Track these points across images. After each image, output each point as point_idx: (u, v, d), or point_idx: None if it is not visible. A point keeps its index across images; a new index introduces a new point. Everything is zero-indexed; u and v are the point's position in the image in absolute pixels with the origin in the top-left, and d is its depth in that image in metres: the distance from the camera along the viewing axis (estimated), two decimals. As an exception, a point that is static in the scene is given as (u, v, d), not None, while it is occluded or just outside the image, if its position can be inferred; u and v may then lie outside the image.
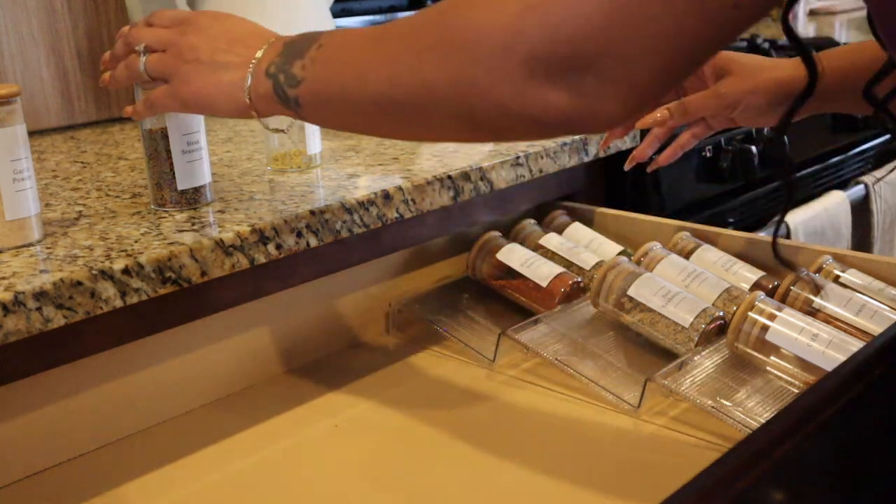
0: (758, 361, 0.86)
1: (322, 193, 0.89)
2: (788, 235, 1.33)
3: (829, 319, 0.88)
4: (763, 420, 0.78)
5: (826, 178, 1.57)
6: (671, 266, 0.97)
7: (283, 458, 0.80)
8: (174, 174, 0.83)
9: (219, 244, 0.77)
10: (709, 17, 0.52)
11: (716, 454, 0.54)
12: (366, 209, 0.87)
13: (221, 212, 0.84)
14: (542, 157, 1.05)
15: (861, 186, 1.54)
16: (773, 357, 0.85)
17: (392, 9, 1.69)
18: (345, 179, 0.93)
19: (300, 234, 0.82)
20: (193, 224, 0.80)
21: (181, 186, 0.84)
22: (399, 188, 0.90)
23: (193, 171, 0.84)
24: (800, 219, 1.38)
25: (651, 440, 0.80)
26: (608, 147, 1.14)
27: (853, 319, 0.88)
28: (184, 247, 0.74)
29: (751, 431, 0.63)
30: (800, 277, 0.93)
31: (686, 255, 1.02)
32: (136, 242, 0.75)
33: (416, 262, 1.05)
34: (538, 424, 0.84)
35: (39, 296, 0.67)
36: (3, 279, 0.68)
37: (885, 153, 1.70)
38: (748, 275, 0.98)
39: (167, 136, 0.82)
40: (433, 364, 0.96)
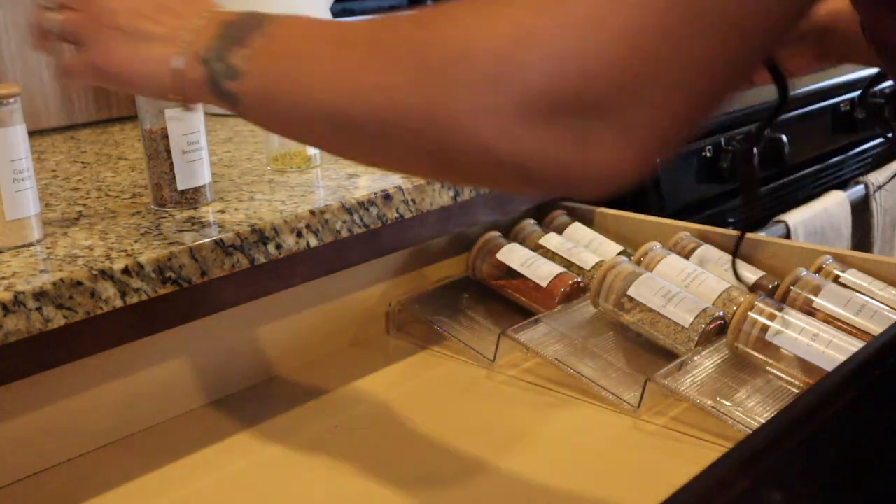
0: (758, 361, 0.86)
1: (322, 193, 0.89)
2: (788, 235, 1.33)
3: (829, 319, 0.88)
4: (763, 420, 0.78)
5: (826, 178, 1.57)
6: (671, 266, 0.97)
7: (283, 458, 0.79)
8: (174, 174, 0.83)
9: (219, 244, 0.77)
10: (743, 34, 0.43)
11: (716, 454, 0.54)
12: (366, 209, 0.87)
13: (221, 212, 0.84)
14: (542, 157, 1.05)
15: (861, 186, 1.53)
16: (773, 357, 0.84)
17: (392, 9, 1.68)
18: (345, 179, 0.93)
19: (300, 234, 0.82)
20: (193, 224, 0.80)
21: (181, 186, 0.84)
22: (399, 188, 0.90)
23: (193, 171, 0.84)
24: (800, 219, 1.37)
25: (651, 440, 0.80)
26: None
27: (853, 319, 0.88)
28: (184, 247, 0.74)
29: (750, 431, 0.63)
30: (799, 277, 0.93)
31: (686, 255, 1.02)
32: (136, 242, 0.75)
33: (416, 262, 1.05)
34: (538, 424, 0.84)
35: (39, 296, 0.67)
36: (3, 279, 0.68)
37: (886, 154, 1.70)
38: (748, 275, 0.98)
39: (167, 136, 0.82)
40: (433, 364, 0.96)
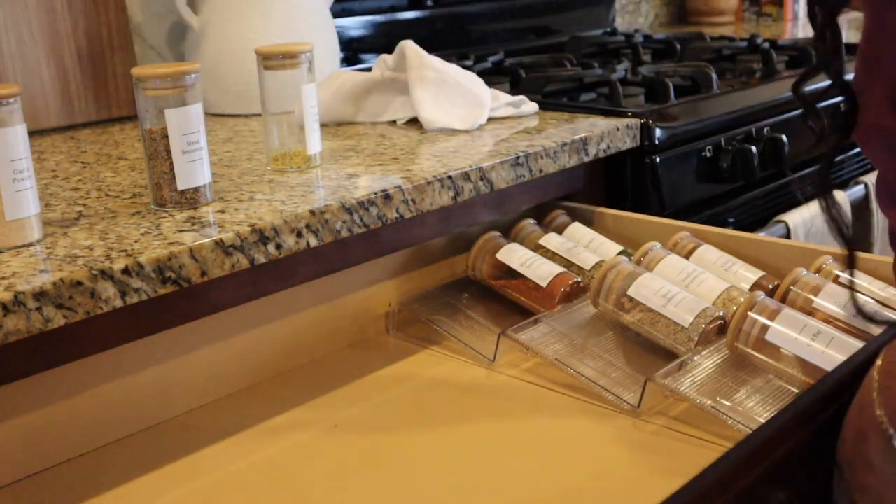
0: (758, 361, 0.85)
1: (322, 193, 0.89)
2: (788, 235, 1.33)
3: (829, 319, 0.88)
4: (763, 420, 0.78)
5: (826, 178, 1.57)
6: (671, 266, 0.97)
7: (283, 458, 0.80)
8: (174, 174, 0.83)
9: (219, 244, 0.77)
10: None
11: (716, 454, 0.54)
12: (366, 209, 0.87)
13: (221, 212, 0.84)
14: (542, 157, 1.05)
15: (861, 186, 1.53)
16: (773, 357, 0.84)
17: (392, 9, 1.68)
18: (345, 179, 0.93)
19: (300, 234, 0.82)
20: (193, 224, 0.80)
21: (181, 186, 0.84)
22: (399, 188, 0.90)
23: (193, 171, 0.84)
24: (800, 219, 1.37)
25: (651, 440, 0.80)
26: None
27: (853, 319, 0.88)
28: (184, 247, 0.74)
29: (750, 431, 0.63)
30: (799, 277, 0.93)
31: (686, 255, 1.02)
32: (136, 242, 0.75)
33: (417, 262, 1.05)
34: (538, 424, 0.84)
35: (39, 296, 0.67)
36: (3, 279, 0.68)
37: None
38: (748, 275, 0.98)
39: (167, 136, 0.82)
40: (433, 364, 0.96)
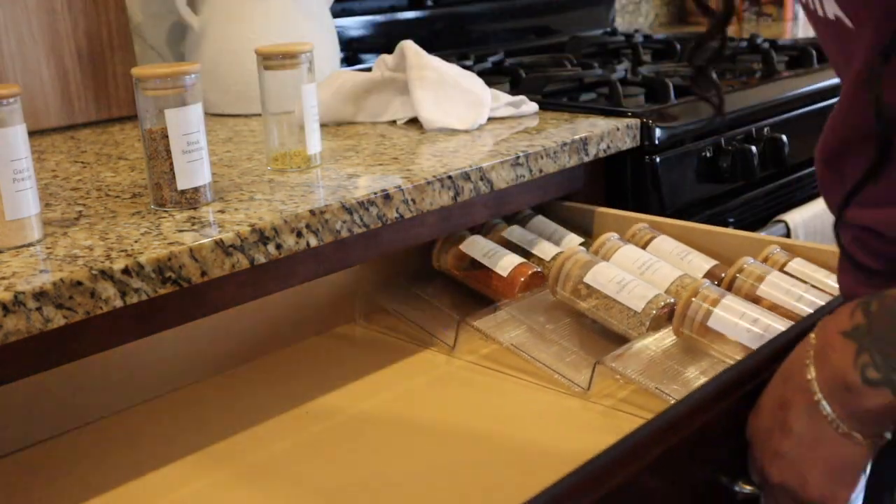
0: (702, 346, 0.89)
1: (322, 193, 0.89)
2: (788, 234, 1.33)
3: (773, 306, 0.91)
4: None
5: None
6: (627, 256, 1.01)
7: (248, 442, 0.80)
8: (174, 174, 0.83)
9: (219, 244, 0.77)
10: None
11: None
12: (366, 209, 0.87)
13: (221, 212, 0.84)
14: (542, 157, 1.05)
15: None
16: (717, 342, 0.87)
17: (392, 9, 1.68)
18: (345, 179, 0.93)
19: (300, 234, 0.82)
20: (193, 224, 0.80)
21: (181, 186, 0.84)
22: (399, 188, 0.90)
23: (193, 171, 0.84)
24: (800, 219, 1.37)
25: (598, 420, 0.83)
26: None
27: (794, 306, 0.91)
28: (184, 247, 0.74)
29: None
30: (745, 266, 0.96)
31: (643, 246, 1.05)
32: (136, 242, 0.75)
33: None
34: (492, 407, 0.87)
35: (39, 296, 0.67)
36: (3, 279, 0.68)
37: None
38: (702, 264, 1.01)
39: (167, 136, 0.82)
40: (396, 351, 0.98)
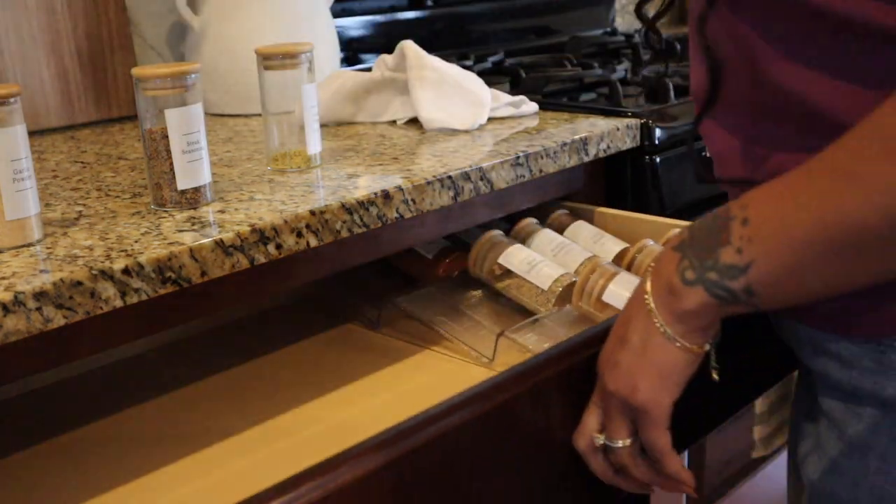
0: (597, 318, 0.95)
1: (322, 193, 0.89)
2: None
3: None
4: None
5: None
6: (543, 239, 1.08)
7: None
8: (174, 174, 0.83)
9: (219, 244, 0.77)
10: None
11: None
12: (366, 209, 0.87)
13: (221, 212, 0.84)
14: (542, 157, 1.05)
15: None
16: (610, 314, 0.93)
17: (392, 9, 1.68)
18: (345, 179, 0.93)
19: (300, 234, 0.82)
20: (193, 224, 0.80)
21: (181, 186, 0.84)
22: (399, 188, 0.90)
23: (193, 171, 0.84)
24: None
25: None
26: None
27: None
28: (184, 247, 0.74)
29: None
30: (645, 246, 1.03)
31: (561, 231, 1.12)
32: (136, 242, 0.75)
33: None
34: (405, 376, 0.95)
35: (39, 296, 0.66)
36: (3, 279, 0.68)
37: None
38: (613, 247, 1.08)
39: (167, 136, 0.82)
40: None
